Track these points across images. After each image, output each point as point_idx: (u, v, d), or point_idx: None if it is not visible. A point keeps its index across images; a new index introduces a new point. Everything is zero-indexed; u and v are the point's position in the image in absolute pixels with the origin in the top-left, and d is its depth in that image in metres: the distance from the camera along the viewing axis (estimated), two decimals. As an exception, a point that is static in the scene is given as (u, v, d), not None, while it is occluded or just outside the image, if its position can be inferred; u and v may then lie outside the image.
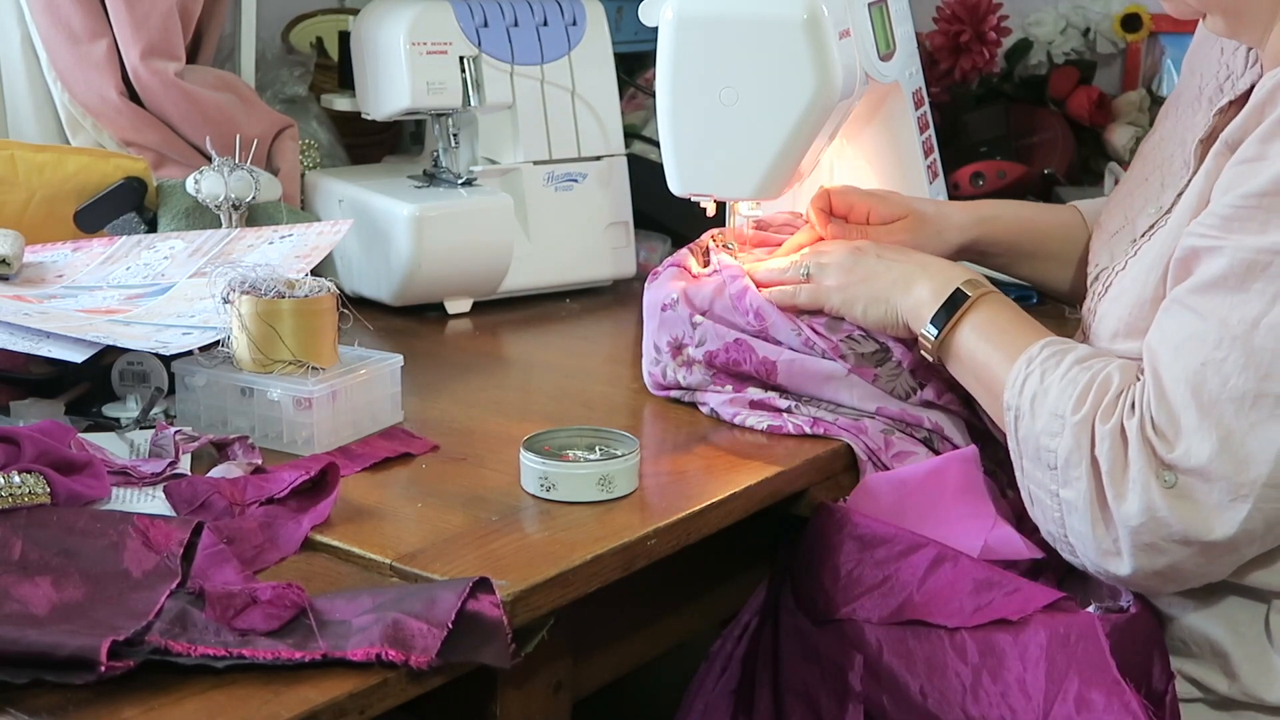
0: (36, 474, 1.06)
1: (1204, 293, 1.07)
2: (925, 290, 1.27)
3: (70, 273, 1.49)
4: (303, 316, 1.23)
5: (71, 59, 1.69)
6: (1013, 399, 1.15)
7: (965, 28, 2.14)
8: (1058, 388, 1.12)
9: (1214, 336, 1.05)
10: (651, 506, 1.16)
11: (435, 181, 1.78)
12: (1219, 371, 1.04)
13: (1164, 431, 1.06)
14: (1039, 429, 1.12)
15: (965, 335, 1.24)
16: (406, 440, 1.27)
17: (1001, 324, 1.23)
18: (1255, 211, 1.06)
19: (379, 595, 0.96)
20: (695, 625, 1.36)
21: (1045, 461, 1.12)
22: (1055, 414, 1.11)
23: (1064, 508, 1.11)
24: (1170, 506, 1.05)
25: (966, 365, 1.24)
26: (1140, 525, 1.06)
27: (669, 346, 1.38)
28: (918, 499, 1.24)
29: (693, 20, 1.41)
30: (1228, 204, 1.08)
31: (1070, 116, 2.18)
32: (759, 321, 1.34)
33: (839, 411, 1.32)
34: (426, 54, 1.71)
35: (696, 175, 1.46)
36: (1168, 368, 1.07)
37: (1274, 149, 1.06)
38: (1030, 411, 1.14)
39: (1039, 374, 1.14)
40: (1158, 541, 1.06)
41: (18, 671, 0.86)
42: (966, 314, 1.24)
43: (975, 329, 1.23)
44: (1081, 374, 1.12)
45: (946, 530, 1.22)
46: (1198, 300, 1.07)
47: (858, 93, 1.49)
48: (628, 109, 2.09)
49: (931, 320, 1.25)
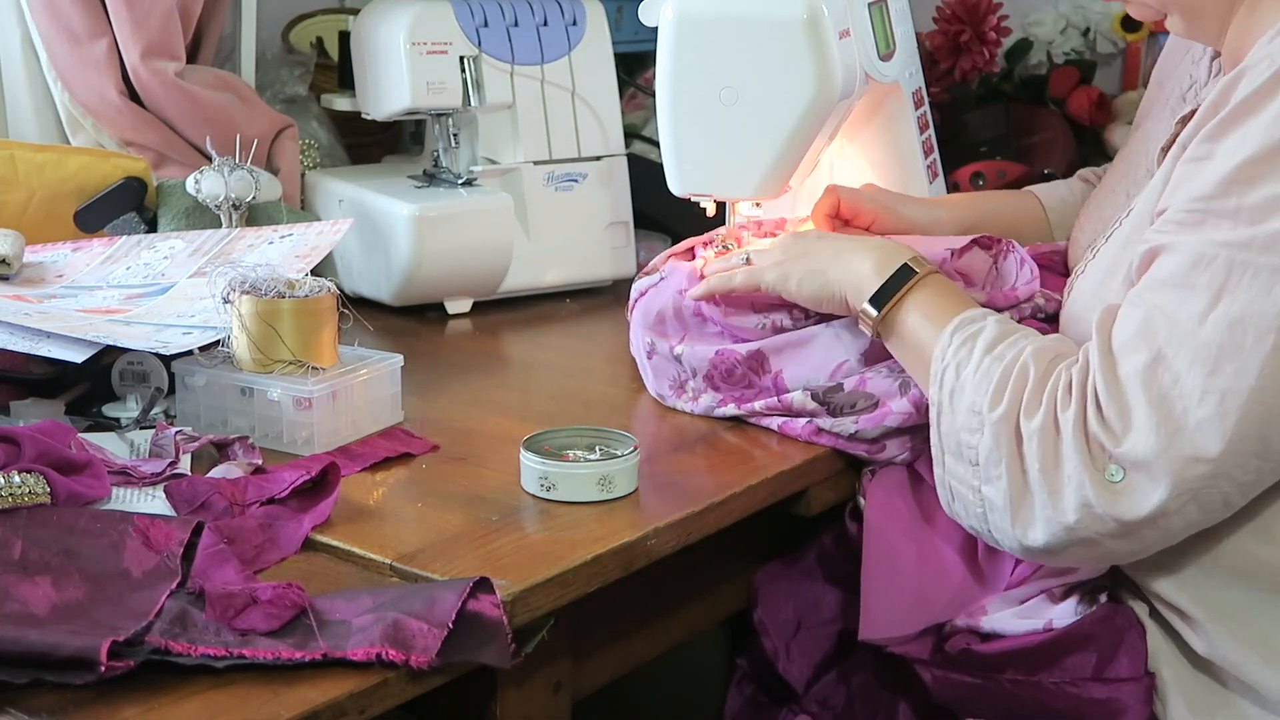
0: (36, 474, 1.06)
1: (1154, 289, 1.07)
2: (867, 264, 1.24)
3: (70, 273, 1.49)
4: (303, 316, 1.23)
5: (71, 59, 1.69)
6: (934, 394, 1.14)
7: (965, 28, 2.14)
8: (973, 382, 1.11)
9: (1164, 332, 1.05)
10: (651, 506, 1.16)
11: (435, 181, 1.78)
12: (1169, 367, 1.04)
13: (1113, 425, 1.05)
14: (959, 424, 1.11)
15: (909, 314, 1.21)
16: (406, 440, 1.27)
17: (944, 304, 1.20)
18: (1205, 215, 1.06)
19: (379, 595, 0.96)
20: (695, 625, 1.36)
21: (966, 458, 1.11)
22: (973, 410, 1.10)
23: (986, 504, 1.10)
24: (1107, 501, 1.04)
25: (909, 345, 1.21)
26: (1076, 522, 1.05)
27: (672, 390, 1.38)
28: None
29: (693, 20, 1.41)
30: (1179, 206, 1.08)
31: (1070, 116, 2.18)
32: (726, 322, 1.34)
33: (857, 411, 1.29)
34: (426, 54, 1.71)
35: (696, 175, 1.46)
36: (1122, 363, 1.06)
37: (1221, 148, 1.07)
38: (950, 407, 1.12)
39: (954, 367, 1.13)
40: (1093, 535, 1.06)
41: (18, 671, 0.86)
42: (911, 291, 1.21)
43: (919, 307, 1.20)
44: (993, 365, 1.11)
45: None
46: (1149, 296, 1.07)
47: (858, 93, 1.49)
48: (628, 109, 2.09)
49: (874, 296, 1.22)
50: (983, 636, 1.18)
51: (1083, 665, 1.15)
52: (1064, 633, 1.16)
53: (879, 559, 1.24)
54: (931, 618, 1.19)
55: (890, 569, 1.23)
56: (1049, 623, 1.16)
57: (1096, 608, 1.16)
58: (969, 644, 1.18)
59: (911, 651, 1.19)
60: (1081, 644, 1.16)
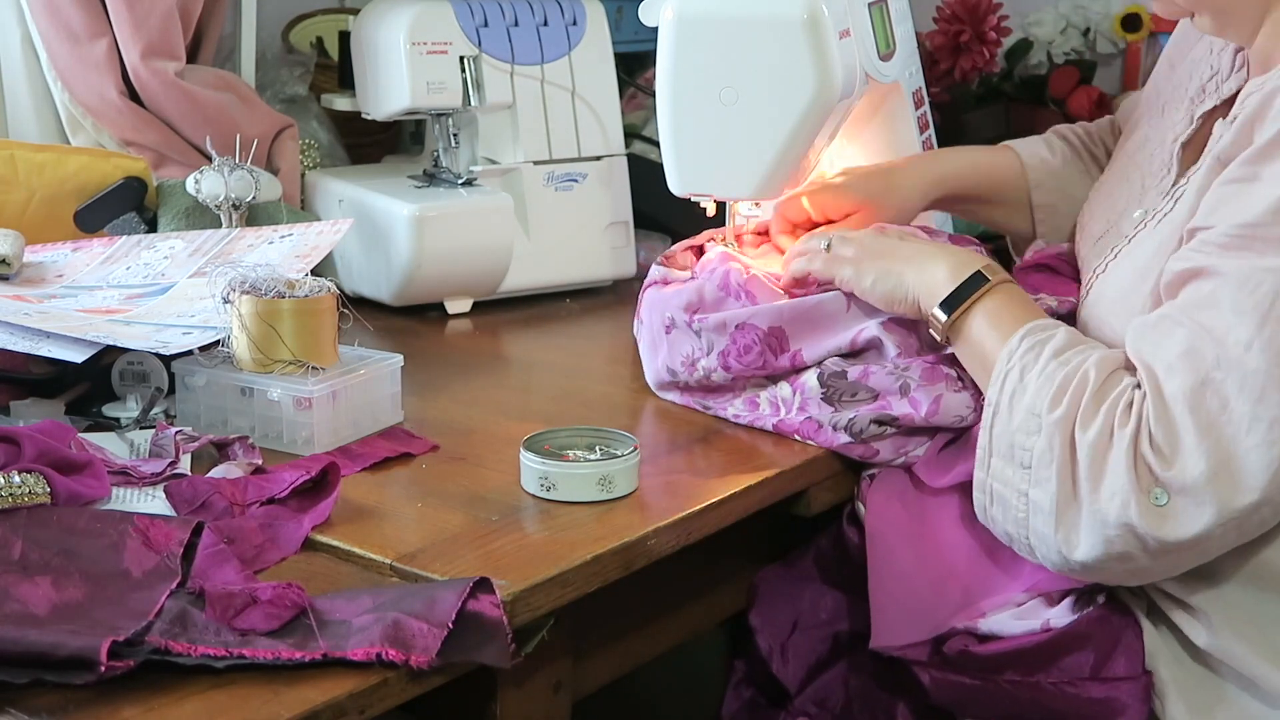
0: (36, 474, 1.06)
1: (1199, 311, 1.07)
2: (942, 269, 1.24)
3: (70, 273, 1.49)
4: (303, 316, 1.23)
5: (71, 59, 1.69)
6: (994, 394, 1.14)
7: (965, 28, 2.14)
8: (1035, 384, 1.11)
9: (1211, 356, 1.05)
10: (651, 506, 1.16)
11: (435, 181, 1.78)
12: (1218, 393, 1.04)
13: (1162, 448, 1.05)
14: (1015, 426, 1.11)
15: (977, 321, 1.21)
16: (406, 440, 1.27)
17: (1014, 311, 1.21)
18: (1250, 241, 1.06)
19: (379, 595, 0.96)
20: (695, 625, 1.36)
21: (1019, 460, 1.11)
22: (1032, 412, 1.10)
23: (1030, 508, 1.10)
24: (1150, 522, 1.05)
25: (975, 351, 1.22)
26: (1115, 536, 1.06)
27: (684, 365, 1.37)
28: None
29: (693, 20, 1.41)
30: (1221, 231, 1.08)
31: (1070, 116, 2.18)
32: (749, 301, 1.34)
33: (856, 402, 1.28)
34: (426, 54, 1.71)
35: (696, 175, 1.46)
36: (1166, 384, 1.06)
37: (1267, 171, 1.06)
38: (1009, 409, 1.12)
39: (1019, 370, 1.13)
40: (1130, 551, 1.07)
41: (18, 671, 0.86)
42: (982, 299, 1.21)
43: (987, 315, 1.21)
44: (1058, 370, 1.11)
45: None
46: (1193, 319, 1.07)
47: (858, 93, 1.49)
48: (628, 109, 2.09)
49: (945, 301, 1.23)
50: (980, 638, 1.18)
51: (1080, 665, 1.16)
52: (1061, 633, 1.16)
53: (883, 567, 1.24)
54: (939, 624, 1.19)
55: (895, 576, 1.23)
56: (1046, 623, 1.16)
57: (1093, 608, 1.16)
58: (967, 645, 1.18)
59: (910, 654, 1.19)
60: (1078, 644, 1.16)
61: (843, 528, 1.31)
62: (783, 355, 1.32)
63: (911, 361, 1.27)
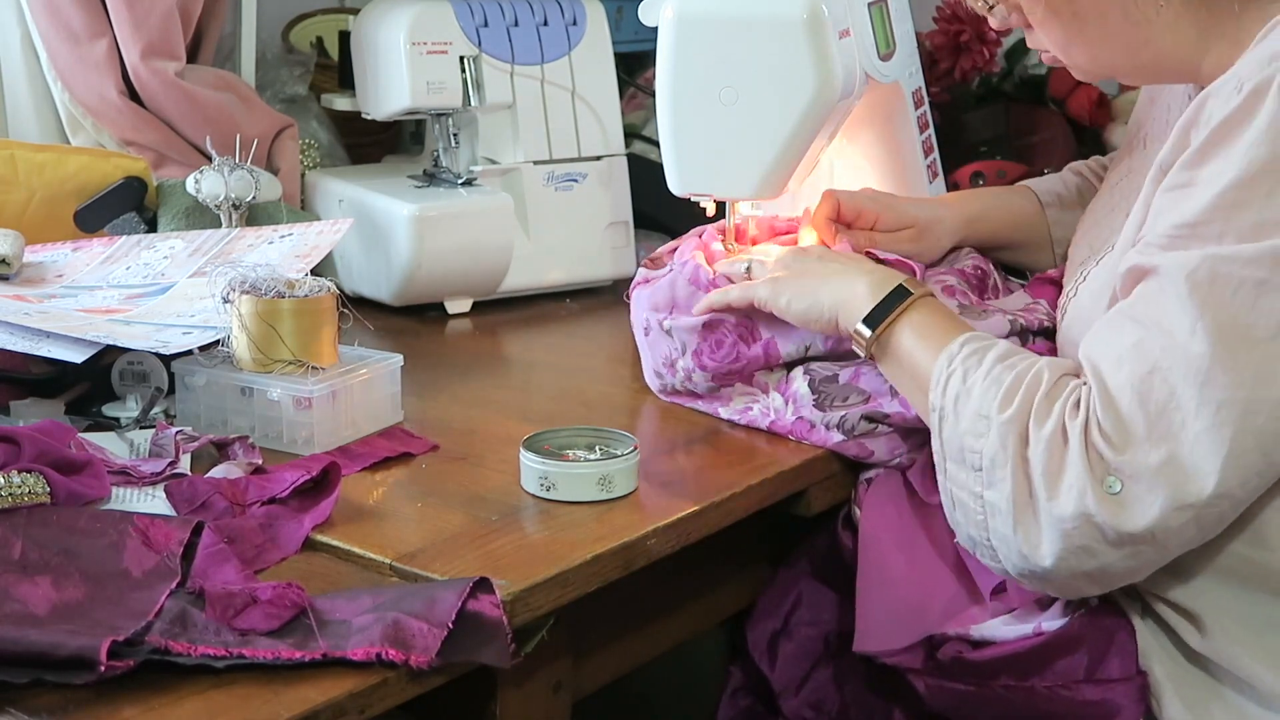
0: (36, 474, 1.06)
1: (1142, 307, 1.07)
2: (861, 286, 1.25)
3: (70, 273, 1.49)
4: (303, 316, 1.23)
5: (71, 59, 1.69)
6: (936, 399, 1.14)
7: (965, 27, 2.14)
8: (981, 387, 1.11)
9: (1157, 347, 1.05)
10: (651, 506, 1.16)
11: (435, 181, 1.78)
12: (1165, 380, 1.04)
13: (1111, 437, 1.05)
14: (963, 429, 1.11)
15: (904, 334, 1.21)
16: (406, 440, 1.27)
17: (939, 323, 1.21)
18: (1189, 240, 1.06)
19: (379, 595, 0.96)
20: (695, 625, 1.36)
21: (970, 463, 1.10)
22: (980, 414, 1.10)
23: (987, 510, 1.10)
24: (1107, 511, 1.04)
25: (903, 365, 1.21)
26: (1073, 528, 1.05)
27: (665, 366, 1.39)
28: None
29: (693, 20, 1.41)
30: (1163, 231, 1.08)
31: (1070, 116, 2.18)
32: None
33: (846, 405, 1.30)
34: (426, 54, 1.71)
35: (696, 175, 1.46)
36: (1112, 376, 1.06)
37: (1202, 174, 1.07)
38: (954, 412, 1.12)
39: (960, 373, 1.13)
40: (1089, 544, 1.06)
41: (18, 671, 0.86)
42: (906, 312, 1.22)
43: (914, 328, 1.21)
44: (1005, 372, 1.11)
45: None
46: (1140, 312, 1.07)
47: (858, 92, 1.49)
48: (628, 109, 2.09)
49: (868, 316, 1.23)
50: (974, 644, 1.18)
51: (1074, 668, 1.15)
52: (1054, 636, 1.16)
53: (873, 570, 1.24)
54: (925, 629, 1.19)
55: (884, 580, 1.23)
56: (1038, 627, 1.16)
57: (1084, 610, 1.17)
58: (961, 652, 1.18)
59: (904, 661, 1.19)
60: (1071, 646, 1.16)
61: (838, 530, 1.31)
62: (755, 344, 1.33)
63: None
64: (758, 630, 1.33)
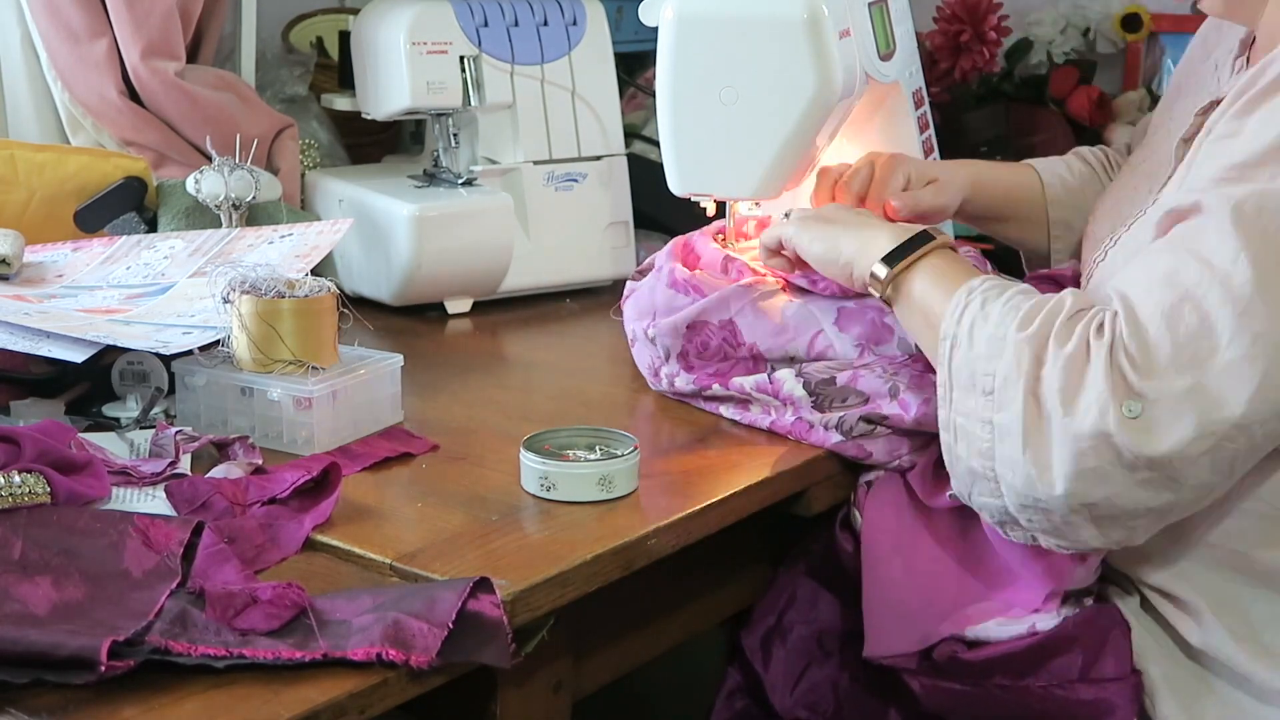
0: (36, 474, 1.06)
1: (1184, 240, 1.06)
2: (883, 237, 1.25)
3: (70, 273, 1.49)
4: (303, 316, 1.23)
5: (71, 59, 1.69)
6: (950, 328, 1.13)
7: (965, 27, 2.14)
8: (999, 312, 1.10)
9: (1193, 275, 1.04)
10: (651, 506, 1.16)
11: (435, 181, 1.78)
12: (1197, 308, 1.02)
13: (1136, 360, 1.03)
14: (976, 354, 1.10)
15: (920, 278, 1.21)
16: (406, 440, 1.27)
17: (957, 269, 1.20)
18: (1237, 180, 1.05)
19: (379, 595, 0.96)
20: (695, 625, 1.36)
21: (980, 387, 1.09)
22: (996, 336, 1.09)
23: (996, 434, 1.08)
24: (1127, 432, 1.02)
25: (916, 305, 1.21)
26: (1088, 447, 1.03)
27: (651, 375, 1.41)
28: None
29: (693, 20, 1.41)
30: (1209, 175, 1.08)
31: (1070, 116, 2.18)
32: (697, 294, 1.36)
33: (845, 406, 1.30)
34: (426, 54, 1.71)
35: (696, 175, 1.46)
36: (1142, 302, 1.05)
37: (1250, 123, 1.07)
38: (968, 338, 1.11)
39: (980, 301, 1.12)
40: (1102, 465, 1.03)
41: (18, 671, 0.86)
42: (926, 256, 1.21)
43: (931, 271, 1.21)
44: (1025, 300, 1.11)
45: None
46: (1178, 243, 1.06)
47: (858, 92, 1.49)
48: (628, 109, 2.09)
49: (887, 255, 1.22)
50: (969, 644, 1.18)
51: (1069, 667, 1.15)
52: (1048, 636, 1.16)
53: (877, 576, 1.24)
54: (929, 635, 1.19)
55: (889, 586, 1.23)
56: (1032, 627, 1.16)
57: (1079, 609, 1.17)
58: (956, 652, 1.18)
59: (899, 662, 1.19)
60: (1066, 646, 1.16)
61: (836, 532, 1.31)
62: (741, 348, 1.34)
63: (900, 369, 1.29)
64: (753, 630, 1.34)
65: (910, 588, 1.22)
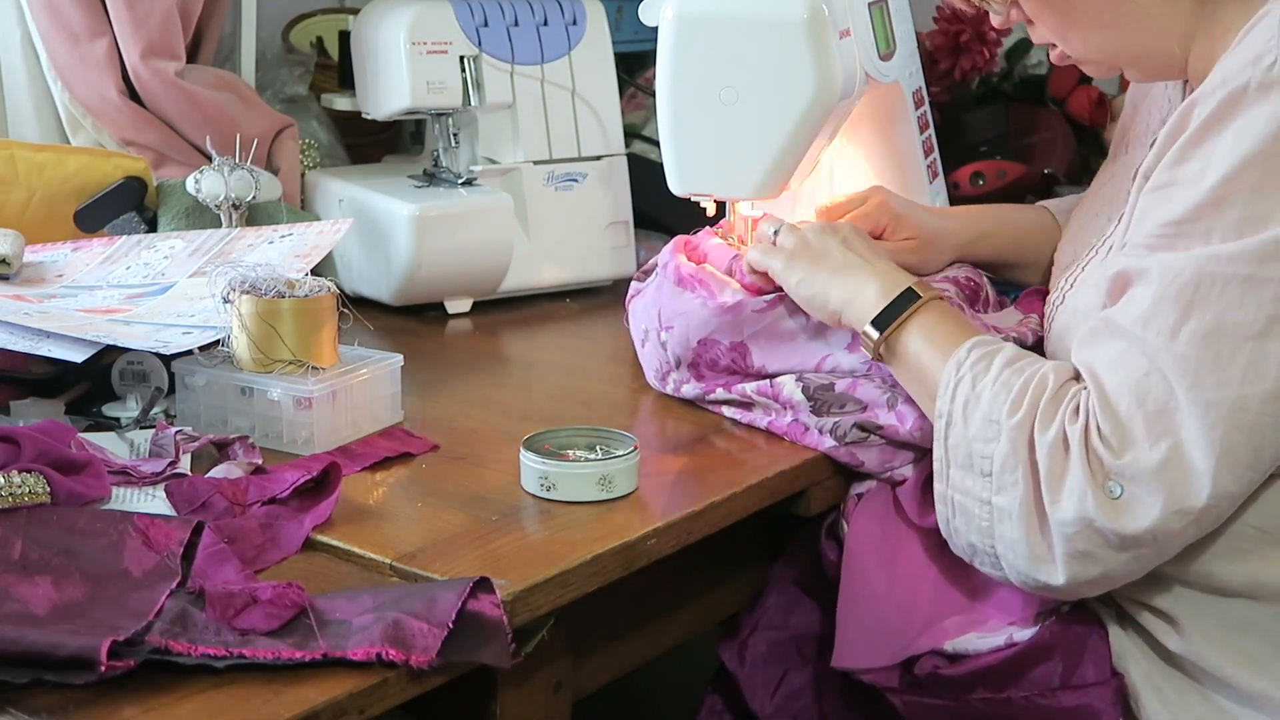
0: (36, 474, 1.06)
1: (1132, 309, 1.08)
2: (870, 287, 1.25)
3: (70, 272, 1.49)
4: (303, 316, 1.23)
5: (71, 58, 1.69)
6: (944, 405, 1.14)
7: (965, 27, 2.14)
8: (990, 392, 1.11)
9: (1151, 348, 1.06)
10: (651, 506, 1.16)
11: (435, 181, 1.78)
12: (1164, 379, 1.05)
13: (1110, 440, 1.05)
14: (972, 435, 1.11)
15: (912, 338, 1.21)
16: (406, 440, 1.27)
17: (948, 328, 1.21)
18: (1173, 239, 1.07)
19: (379, 595, 0.96)
20: (695, 625, 1.36)
21: (978, 469, 1.11)
22: (990, 419, 1.10)
23: (995, 515, 1.10)
24: (1107, 515, 1.05)
25: (911, 368, 1.22)
26: (1074, 533, 1.06)
27: (658, 379, 1.41)
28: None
29: (693, 20, 1.41)
30: (1147, 233, 1.09)
31: (1070, 116, 2.18)
32: (704, 289, 1.35)
33: (843, 412, 1.30)
34: (426, 54, 1.71)
35: (696, 175, 1.46)
36: (1109, 380, 1.07)
37: (1182, 174, 1.08)
38: (963, 418, 1.12)
39: (970, 379, 1.13)
40: (1092, 550, 1.06)
41: (18, 671, 0.86)
42: (915, 315, 1.22)
43: (923, 331, 1.21)
44: (1014, 377, 1.11)
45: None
46: (1131, 316, 1.08)
47: (858, 93, 1.49)
48: (628, 109, 2.09)
49: (876, 318, 1.23)
50: (949, 658, 1.18)
51: (1049, 675, 1.16)
52: (1027, 646, 1.16)
53: (855, 588, 1.24)
54: (904, 649, 1.19)
55: (866, 599, 1.23)
56: (1009, 638, 1.17)
57: (1055, 618, 1.17)
58: (936, 667, 1.18)
59: (880, 679, 1.19)
60: (1045, 655, 1.16)
61: (821, 539, 1.31)
62: (750, 368, 1.35)
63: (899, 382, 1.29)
64: (735, 635, 1.34)
65: (889, 601, 1.22)
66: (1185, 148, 1.08)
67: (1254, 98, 1.05)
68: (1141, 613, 1.16)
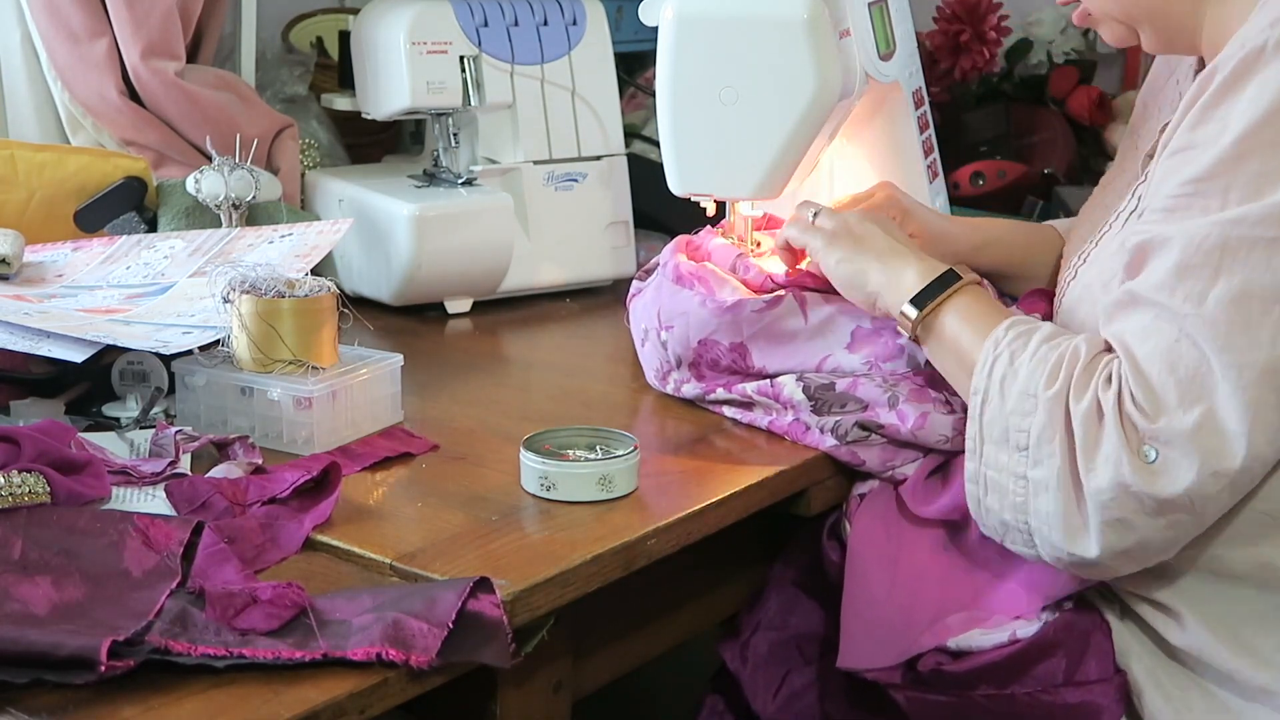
0: (36, 473, 1.06)
1: (1156, 277, 1.08)
2: (910, 271, 1.25)
3: (70, 272, 1.49)
4: (303, 316, 1.23)
5: (71, 58, 1.69)
6: (981, 382, 1.14)
7: (965, 27, 2.14)
8: (1028, 367, 1.12)
9: (1180, 315, 1.06)
10: (651, 506, 1.16)
11: (435, 181, 1.78)
12: (1194, 345, 1.05)
13: (1144, 406, 1.05)
14: (1009, 409, 1.11)
15: (949, 318, 1.21)
16: (406, 440, 1.27)
17: (984, 309, 1.21)
18: (1191, 199, 1.07)
19: (379, 595, 0.96)
20: (695, 625, 1.36)
21: (1014, 443, 1.10)
22: (1027, 393, 1.10)
23: (1031, 489, 1.10)
24: (1143, 479, 1.05)
25: (949, 347, 1.22)
26: (1110, 500, 1.06)
27: (658, 378, 1.41)
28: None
29: (693, 20, 1.41)
30: (1168, 193, 1.09)
31: (1070, 116, 2.18)
32: (703, 286, 1.35)
33: (844, 412, 1.30)
34: (426, 54, 1.71)
35: (696, 175, 1.46)
36: (1140, 348, 1.07)
37: (1200, 135, 1.08)
38: (1000, 393, 1.12)
39: (1007, 355, 1.13)
40: (1127, 516, 1.06)
41: (18, 671, 0.86)
42: (953, 296, 1.22)
43: (960, 312, 1.21)
44: (1050, 351, 1.12)
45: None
46: (1156, 285, 1.08)
47: (858, 92, 1.49)
48: (628, 109, 2.09)
49: (916, 297, 1.23)
50: (953, 655, 1.18)
51: (1053, 672, 1.16)
52: (1030, 643, 1.16)
53: (858, 588, 1.24)
54: (908, 649, 1.19)
55: (869, 600, 1.23)
56: (1013, 634, 1.17)
57: (1058, 614, 1.17)
58: (940, 664, 1.18)
59: (883, 677, 1.19)
60: (1048, 651, 1.16)
61: (823, 539, 1.31)
62: (750, 368, 1.35)
63: (900, 380, 1.29)
64: (737, 635, 1.34)
65: (892, 602, 1.22)
66: (1204, 110, 1.08)
67: (1271, 56, 1.05)
68: (1144, 606, 1.16)
